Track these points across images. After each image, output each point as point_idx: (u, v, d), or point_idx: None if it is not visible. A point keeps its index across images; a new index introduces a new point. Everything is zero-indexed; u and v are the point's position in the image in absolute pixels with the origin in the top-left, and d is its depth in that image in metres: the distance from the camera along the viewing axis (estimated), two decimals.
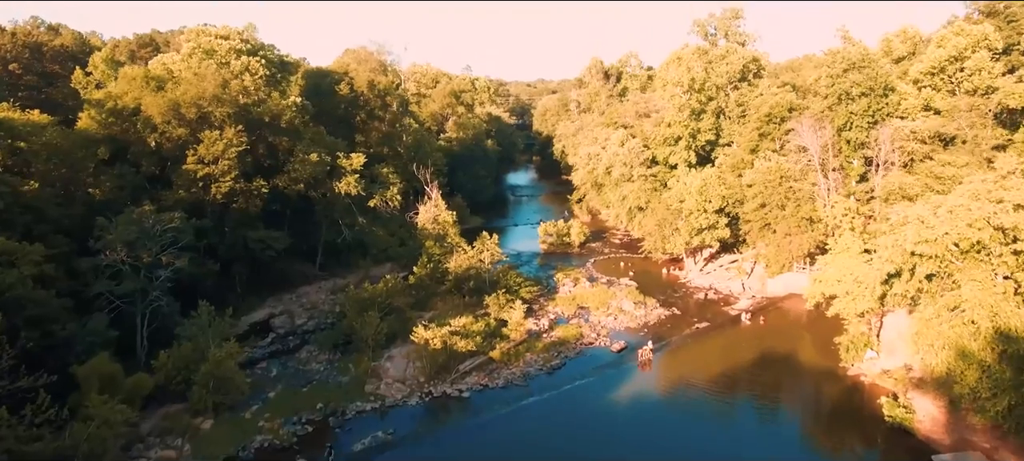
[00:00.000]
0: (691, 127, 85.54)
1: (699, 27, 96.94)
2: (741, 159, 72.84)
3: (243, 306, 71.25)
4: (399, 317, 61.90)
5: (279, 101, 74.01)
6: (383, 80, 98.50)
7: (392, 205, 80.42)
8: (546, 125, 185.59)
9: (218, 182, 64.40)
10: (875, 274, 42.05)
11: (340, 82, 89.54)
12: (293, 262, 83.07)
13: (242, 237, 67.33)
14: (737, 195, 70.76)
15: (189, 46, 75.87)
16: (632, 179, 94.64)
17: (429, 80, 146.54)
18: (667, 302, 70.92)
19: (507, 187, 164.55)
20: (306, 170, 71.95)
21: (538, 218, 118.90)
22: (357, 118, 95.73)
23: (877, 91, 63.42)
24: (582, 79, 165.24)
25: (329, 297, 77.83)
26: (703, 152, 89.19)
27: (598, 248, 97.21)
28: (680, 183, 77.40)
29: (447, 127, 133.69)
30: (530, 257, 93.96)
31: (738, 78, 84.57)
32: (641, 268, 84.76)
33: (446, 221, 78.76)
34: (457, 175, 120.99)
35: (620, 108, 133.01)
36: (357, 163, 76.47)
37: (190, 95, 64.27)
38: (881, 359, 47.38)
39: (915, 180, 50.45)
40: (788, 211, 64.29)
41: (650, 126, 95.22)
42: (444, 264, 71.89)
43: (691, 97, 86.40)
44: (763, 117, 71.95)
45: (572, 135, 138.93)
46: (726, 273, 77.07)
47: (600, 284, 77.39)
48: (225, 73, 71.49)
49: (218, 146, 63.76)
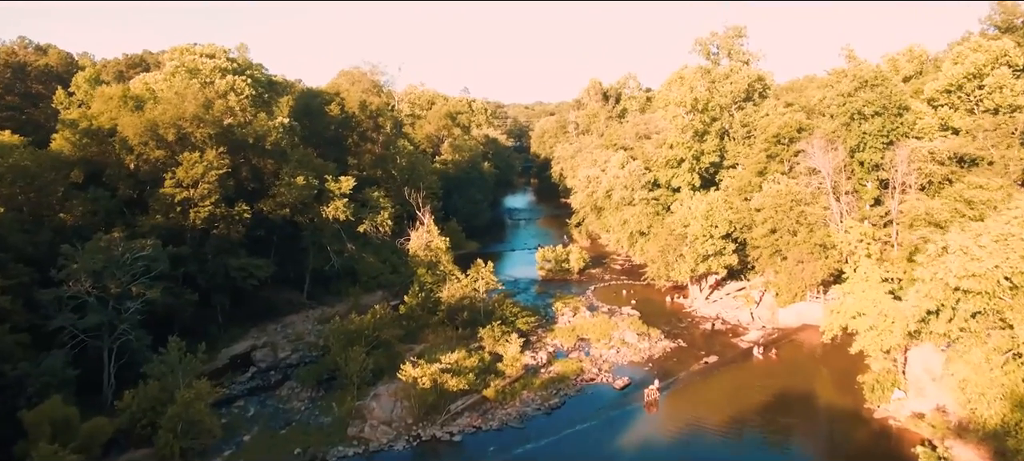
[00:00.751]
0: (694, 149, 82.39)
1: (701, 46, 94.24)
2: (748, 182, 69.51)
3: (224, 337, 67.55)
4: (387, 351, 58.03)
5: (265, 122, 70.76)
6: (376, 101, 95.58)
7: (383, 231, 76.83)
8: (544, 147, 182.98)
9: (197, 207, 60.90)
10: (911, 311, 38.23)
11: (331, 103, 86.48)
12: (279, 290, 79.41)
13: (223, 265, 63.66)
14: (745, 220, 67.29)
15: (172, 65, 72.90)
16: (633, 203, 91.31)
17: (425, 101, 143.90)
18: (672, 333, 67.08)
19: (504, 210, 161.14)
20: (292, 194, 68.52)
21: (536, 243, 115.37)
22: (349, 140, 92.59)
23: (891, 110, 60.29)
24: (580, 101, 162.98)
25: (316, 327, 73.99)
26: (707, 174, 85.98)
27: (598, 274, 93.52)
28: (684, 207, 73.98)
29: (442, 149, 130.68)
30: (528, 284, 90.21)
31: (743, 98, 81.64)
32: (643, 296, 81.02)
33: (439, 248, 75.17)
34: (452, 199, 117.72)
35: (619, 129, 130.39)
36: (346, 187, 73.03)
37: (169, 115, 61.02)
38: (910, 400, 43.48)
39: (942, 204, 46.99)
40: (800, 237, 60.78)
41: (652, 148, 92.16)
42: (436, 293, 68.20)
43: (694, 118, 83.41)
44: (771, 138, 68.77)
45: (570, 157, 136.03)
46: (733, 301, 73.35)
47: (601, 313, 73.61)
48: (208, 93, 68.34)
49: (197, 169, 60.35)
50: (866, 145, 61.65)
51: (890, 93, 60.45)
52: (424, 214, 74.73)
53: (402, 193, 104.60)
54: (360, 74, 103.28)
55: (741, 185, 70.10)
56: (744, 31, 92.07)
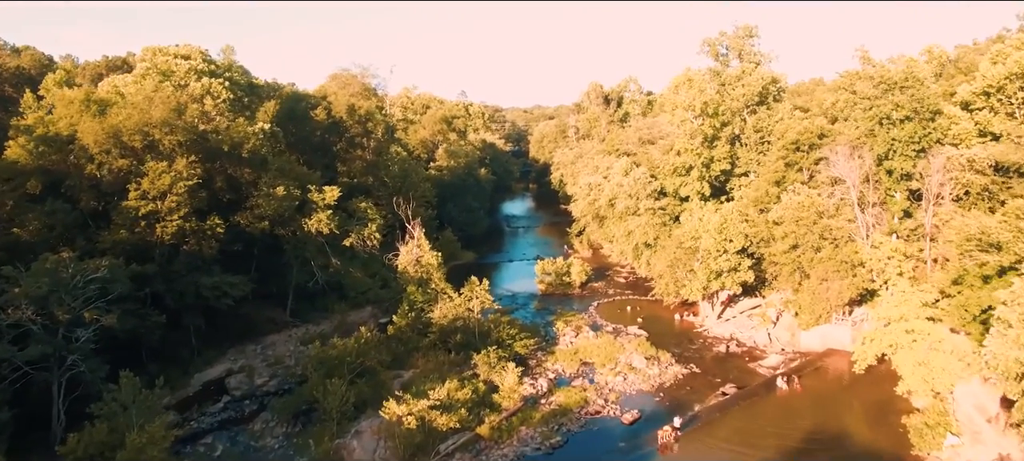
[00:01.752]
0: (704, 155, 77.24)
1: (710, 47, 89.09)
2: (765, 192, 64.33)
3: (198, 361, 62.19)
4: (372, 380, 52.76)
5: (243, 128, 65.48)
6: (365, 105, 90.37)
7: (371, 244, 71.52)
8: (543, 152, 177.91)
9: (165, 221, 55.57)
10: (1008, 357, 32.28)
11: (316, 107, 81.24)
12: (260, 307, 74.01)
13: (194, 283, 58.26)
14: (762, 234, 62.07)
15: (143, 66, 67.65)
16: (638, 212, 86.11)
17: (419, 105, 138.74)
18: (683, 357, 61.81)
19: (502, 217, 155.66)
20: (271, 206, 63.21)
21: (535, 253, 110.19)
22: (336, 146, 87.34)
23: (923, 115, 55.23)
24: (580, 104, 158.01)
25: (298, 348, 68.58)
26: (717, 183, 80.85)
27: (601, 289, 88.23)
28: (694, 218, 68.75)
29: (437, 155, 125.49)
30: (526, 299, 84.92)
31: (756, 101, 76.49)
32: (650, 313, 75.75)
33: (430, 264, 69.81)
34: (447, 207, 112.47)
35: (622, 134, 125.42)
36: (330, 197, 67.73)
37: (134, 121, 55.73)
38: (966, 447, 38.17)
39: (1001, 223, 41.79)
40: (824, 253, 55.58)
41: (658, 154, 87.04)
42: (427, 313, 62.88)
43: (704, 122, 78.29)
44: (789, 145, 63.63)
45: (571, 163, 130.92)
46: (748, 320, 68.13)
47: (605, 333, 68.36)
48: (180, 97, 63.06)
49: (165, 180, 55.03)
50: (896, 152, 56.54)
51: (922, 96, 55.40)
52: (414, 227, 69.48)
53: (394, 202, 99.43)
54: (350, 77, 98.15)
55: (757, 196, 64.90)
56: (755, 31, 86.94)
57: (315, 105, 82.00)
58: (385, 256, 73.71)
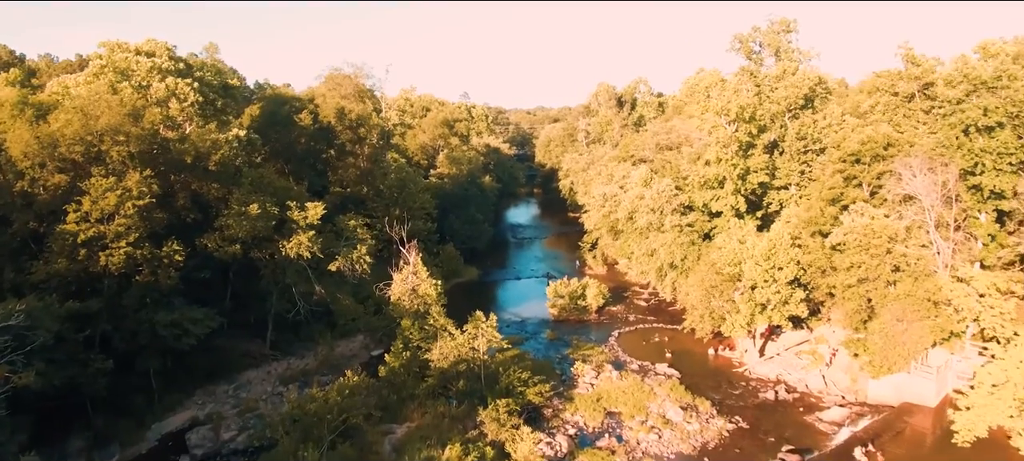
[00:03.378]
0: (739, 166, 68.01)
1: (741, 43, 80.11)
2: (820, 212, 55.07)
3: (158, 408, 53.21)
4: (358, 441, 43.73)
5: (211, 135, 56.44)
6: (357, 108, 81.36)
7: (360, 270, 62.33)
8: (550, 156, 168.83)
9: (111, 247, 46.48)
10: None
11: (301, 110, 72.15)
12: (235, 339, 65.06)
13: (148, 321, 49.20)
14: (819, 262, 52.76)
15: (97, 64, 58.58)
16: (663, 228, 76.90)
17: (419, 108, 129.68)
18: (725, 405, 52.60)
19: (507, 227, 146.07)
20: (243, 227, 54.15)
21: (544, 269, 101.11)
22: (325, 155, 78.28)
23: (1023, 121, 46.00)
24: (589, 106, 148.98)
25: (276, 389, 59.75)
26: (753, 196, 71.67)
27: (621, 314, 78.92)
28: (733, 240, 59.44)
29: (438, 161, 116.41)
30: (537, 326, 75.67)
31: (801, 104, 67.22)
32: (680, 346, 66.55)
33: (428, 295, 60.49)
34: (448, 218, 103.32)
35: (637, 139, 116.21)
36: (313, 216, 58.62)
37: (74, 128, 46.65)
38: None
39: None
40: (901, 288, 46.29)
41: (685, 162, 77.79)
42: (425, 352, 53.75)
43: (738, 128, 69.08)
44: (848, 156, 54.35)
45: (582, 170, 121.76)
46: (796, 360, 58.83)
47: (630, 372, 59.18)
48: (136, 99, 54.00)
49: (110, 198, 45.96)
50: (984, 167, 47.32)
51: (1020, 98, 46.12)
52: (409, 251, 60.12)
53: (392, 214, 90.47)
54: (342, 77, 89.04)
55: (810, 216, 55.59)
56: (794, 25, 77.93)
57: (300, 108, 72.89)
58: (376, 286, 64.39)
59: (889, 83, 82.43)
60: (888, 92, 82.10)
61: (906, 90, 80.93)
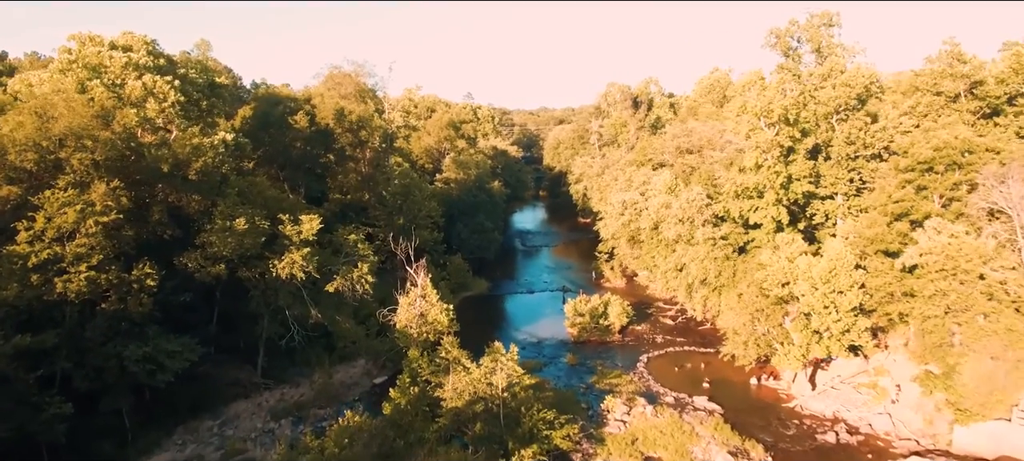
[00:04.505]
0: (783, 174, 61.24)
1: (777, 39, 73.17)
2: (886, 227, 48.25)
3: (131, 451, 46.57)
4: None
5: (192, 140, 49.78)
6: (358, 109, 74.70)
7: (362, 290, 55.62)
8: (559, 159, 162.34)
9: (70, 272, 39.82)
10: None
11: (297, 111, 65.45)
12: (223, 366, 58.36)
13: (116, 356, 42.53)
14: (889, 287, 45.94)
15: (64, 59, 51.90)
16: (693, 241, 70.24)
17: (423, 109, 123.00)
18: (780, 450, 45.83)
19: (514, 233, 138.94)
20: (227, 244, 47.48)
21: (561, 284, 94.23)
22: (323, 159, 71.62)
23: None
24: (600, 107, 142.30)
25: (268, 425, 53.21)
26: (795, 207, 64.90)
27: (646, 334, 72.07)
28: (780, 259, 52.60)
29: (444, 165, 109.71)
30: (556, 348, 68.94)
31: (854, 105, 60.36)
32: (717, 373, 59.76)
33: (439, 322, 53.61)
34: (456, 227, 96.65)
35: (655, 142, 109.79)
36: (308, 230, 51.93)
37: (26, 133, 39.99)
38: None
39: None
40: (1000, 322, 39.50)
41: (720, 168, 71.01)
42: (435, 388, 47.01)
43: (779, 132, 62.30)
44: (918, 164, 47.54)
45: (597, 175, 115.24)
46: (855, 394, 51.96)
47: (665, 406, 52.47)
48: (105, 98, 47.30)
49: (69, 215, 39.32)
50: None
51: None
52: (417, 271, 53.10)
53: (394, 223, 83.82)
54: (343, 76, 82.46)
55: (874, 233, 48.72)
56: (836, 19, 70.99)
57: (295, 109, 66.17)
58: (380, 311, 57.58)
59: (931, 82, 75.69)
60: (930, 92, 75.41)
61: (951, 89, 74.23)
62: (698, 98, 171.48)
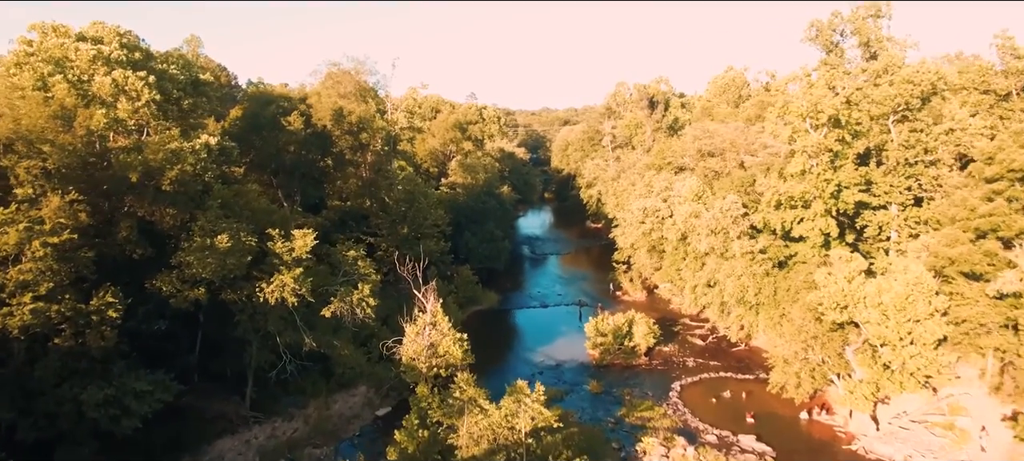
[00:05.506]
0: (834, 181, 54.73)
1: (818, 32, 66.82)
2: (972, 247, 41.66)
3: None
4: None
5: (173, 143, 43.33)
6: (358, 109, 68.22)
7: (363, 314, 49.07)
8: (567, 162, 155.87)
9: (10, 304, 33.35)
10: None
11: (291, 111, 58.96)
12: (208, 396, 52.00)
13: (72, 400, 36.06)
14: (983, 316, 39.41)
15: (21, 51, 45.38)
16: (727, 255, 63.74)
17: (427, 109, 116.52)
18: None
19: (521, 238, 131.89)
20: (207, 265, 40.96)
21: (575, 297, 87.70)
22: (320, 164, 65.16)
23: None
24: (611, 107, 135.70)
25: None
26: (844, 218, 58.44)
27: (676, 357, 65.46)
28: (838, 279, 45.94)
29: (450, 169, 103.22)
30: (576, 373, 62.42)
31: (915, 105, 53.79)
32: (761, 403, 53.19)
33: (452, 354, 46.92)
34: (463, 235, 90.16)
35: (674, 144, 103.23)
36: (301, 248, 45.40)
37: None
38: None
39: None
40: None
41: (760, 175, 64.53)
42: (447, 431, 40.51)
43: (828, 135, 55.79)
44: (1008, 173, 40.97)
45: (612, 179, 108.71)
46: (928, 435, 45.35)
47: (708, 446, 46.11)
48: (65, 96, 40.81)
49: (10, 235, 32.85)
50: None
51: None
52: (427, 296, 46.27)
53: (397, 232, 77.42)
54: (342, 73, 75.93)
55: (957, 253, 42.12)
56: (886, 9, 64.59)
57: (289, 109, 59.65)
58: (383, 343, 50.99)
59: (979, 79, 69.60)
60: (977, 90, 69.29)
61: (1003, 87, 68.01)
62: (712, 98, 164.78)
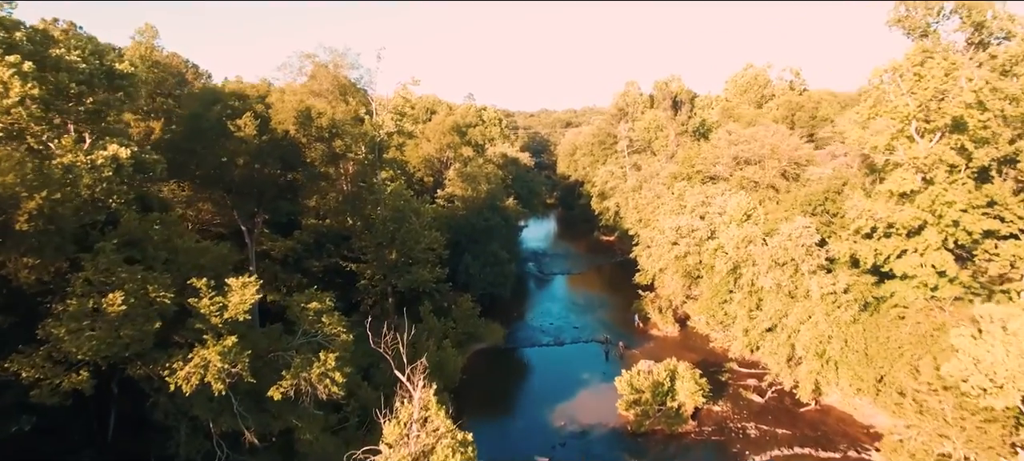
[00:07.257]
0: (956, 204, 41.59)
1: (908, 12, 53.66)
2: None
3: None
4: None
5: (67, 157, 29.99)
6: (336, 110, 54.97)
7: (328, 392, 35.70)
8: (575, 168, 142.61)
9: None
10: None
11: (241, 115, 45.48)
12: None
13: None
14: None
15: None
16: (798, 293, 50.58)
17: (421, 110, 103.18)
18: None
19: (526, 253, 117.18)
20: (86, 342, 27.53)
21: (594, 331, 74.28)
22: (282, 178, 51.77)
23: None
24: (623, 108, 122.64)
25: None
26: (961, 250, 45.31)
27: (730, 420, 52.09)
28: (996, 346, 32.73)
29: (447, 179, 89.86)
30: (608, 445, 49.12)
31: None
32: None
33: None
34: (463, 258, 76.94)
35: (704, 150, 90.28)
36: (238, 305, 31.94)
37: None
38: None
39: None
40: None
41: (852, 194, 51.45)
42: None
43: (941, 141, 42.62)
44: None
45: (633, 190, 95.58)
46: None
47: None
48: None
49: None
50: None
51: None
52: (415, 384, 32.65)
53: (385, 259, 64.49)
54: (317, 67, 62.79)
55: None
56: None
57: (240, 110, 46.16)
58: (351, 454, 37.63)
59: None
60: None
61: None
62: (732, 98, 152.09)
